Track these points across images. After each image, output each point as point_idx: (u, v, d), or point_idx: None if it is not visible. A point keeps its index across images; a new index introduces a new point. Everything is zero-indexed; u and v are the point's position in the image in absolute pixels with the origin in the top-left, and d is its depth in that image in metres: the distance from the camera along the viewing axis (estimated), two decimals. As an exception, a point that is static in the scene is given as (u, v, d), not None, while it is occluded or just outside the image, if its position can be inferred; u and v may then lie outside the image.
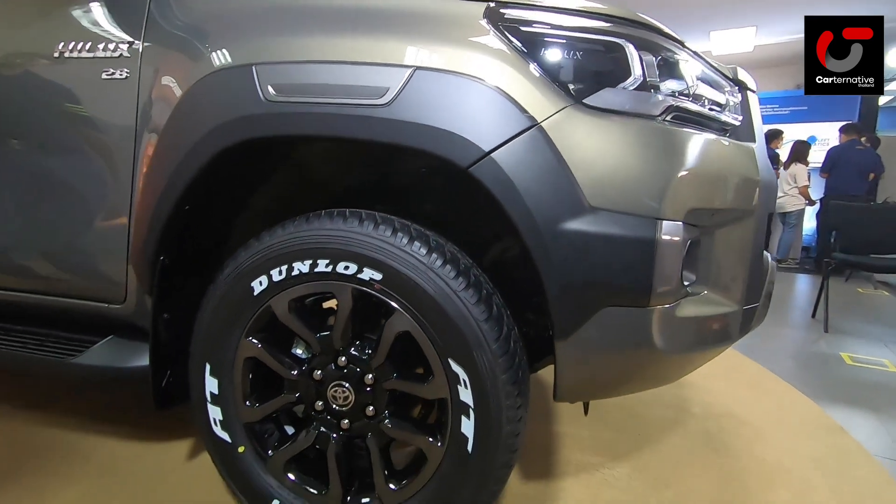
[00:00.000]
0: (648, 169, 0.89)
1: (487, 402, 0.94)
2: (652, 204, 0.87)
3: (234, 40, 1.02)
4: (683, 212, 0.89)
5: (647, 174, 0.89)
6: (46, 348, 1.27)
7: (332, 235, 0.98)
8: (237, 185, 1.18)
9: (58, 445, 1.49)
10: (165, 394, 1.19)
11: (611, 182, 0.87)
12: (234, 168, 1.10)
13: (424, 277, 0.94)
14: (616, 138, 0.89)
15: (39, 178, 1.21)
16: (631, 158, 0.89)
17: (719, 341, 1.05)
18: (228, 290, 1.05)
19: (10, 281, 1.28)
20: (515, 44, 0.92)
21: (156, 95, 1.06)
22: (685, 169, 0.91)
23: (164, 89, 1.05)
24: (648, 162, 0.89)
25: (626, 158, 0.89)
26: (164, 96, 1.05)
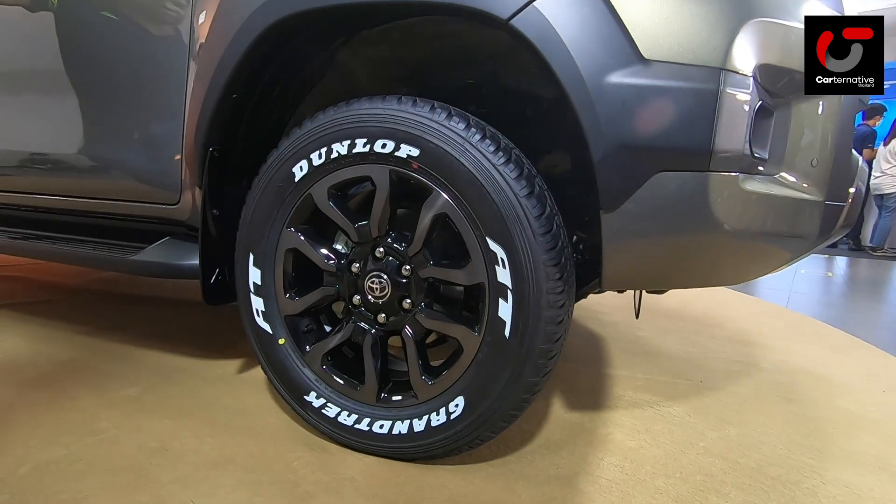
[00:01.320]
0: (713, 12, 0.79)
1: (526, 283, 0.89)
2: (715, 53, 0.78)
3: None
4: (753, 66, 0.79)
5: (710, 18, 0.79)
6: (112, 251, 1.35)
7: (371, 115, 0.97)
8: (283, 87, 1.20)
9: (123, 355, 1.59)
10: (214, 291, 1.23)
11: (667, 29, 0.79)
12: (280, 64, 1.12)
13: (462, 152, 0.90)
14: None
15: (99, 76, 1.28)
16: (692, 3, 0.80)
17: (793, 232, 0.93)
18: (271, 179, 1.06)
19: (74, 185, 1.38)
20: None
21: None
22: (759, 15, 0.80)
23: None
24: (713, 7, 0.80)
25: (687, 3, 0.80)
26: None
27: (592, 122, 0.80)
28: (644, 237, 0.85)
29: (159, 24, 1.19)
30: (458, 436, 0.97)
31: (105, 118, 1.32)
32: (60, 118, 1.39)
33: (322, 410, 1.09)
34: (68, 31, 1.34)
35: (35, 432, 1.12)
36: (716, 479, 1.05)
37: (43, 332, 1.78)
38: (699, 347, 1.94)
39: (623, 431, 1.23)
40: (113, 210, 1.35)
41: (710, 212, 0.81)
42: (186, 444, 1.10)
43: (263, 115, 1.20)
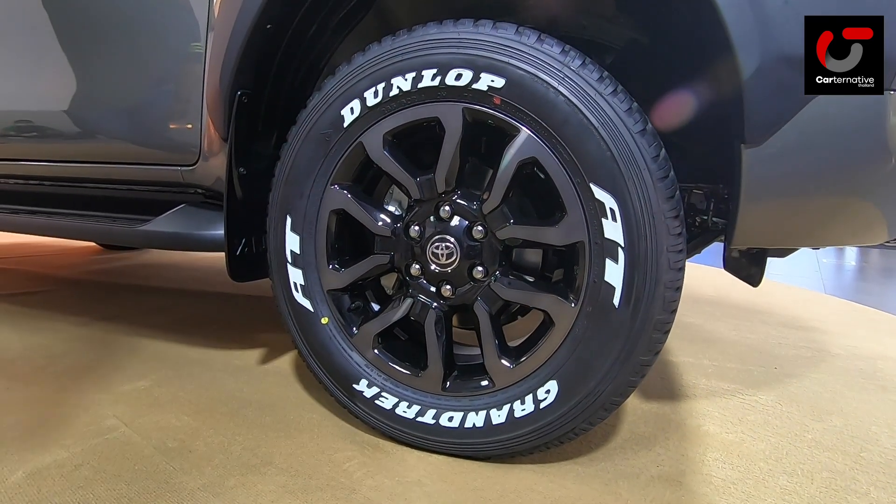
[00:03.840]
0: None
1: (643, 238, 0.72)
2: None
3: None
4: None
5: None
6: (117, 223, 1.16)
7: (441, 40, 0.80)
8: (322, 24, 1.02)
9: (130, 347, 1.41)
10: (241, 265, 1.05)
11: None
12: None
13: (561, 79, 0.73)
14: None
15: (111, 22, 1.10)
16: None
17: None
18: (314, 125, 0.89)
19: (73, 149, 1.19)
20: None
21: None
22: None
23: None
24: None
25: None
26: None
27: (743, 29, 0.63)
28: (797, 177, 0.68)
29: None
30: (549, 428, 0.81)
31: (105, 61, 1.13)
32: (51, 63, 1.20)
33: (375, 401, 0.91)
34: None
35: (31, 433, 0.94)
36: (846, 476, 0.89)
37: (37, 324, 1.59)
38: (757, 334, 1.78)
39: (715, 423, 1.07)
40: (117, 176, 1.16)
41: (886, 141, 0.65)
42: (213, 444, 0.92)
43: (298, 56, 1.03)
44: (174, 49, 1.01)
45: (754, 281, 0.98)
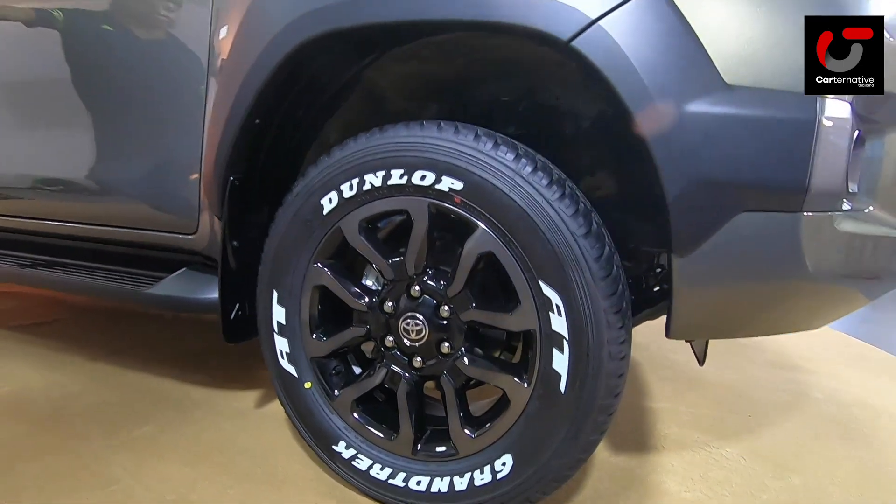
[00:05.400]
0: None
1: (585, 332, 0.79)
2: (809, 78, 0.68)
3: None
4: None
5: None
6: (124, 282, 1.27)
7: (408, 143, 0.88)
8: (307, 107, 1.11)
9: (138, 387, 1.52)
10: (235, 327, 1.14)
11: (755, 52, 0.70)
12: (305, 84, 1.03)
13: (512, 185, 0.81)
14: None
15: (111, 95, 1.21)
16: (783, 21, 0.70)
17: (882, 277, 0.83)
18: (297, 210, 0.98)
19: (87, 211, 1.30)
20: None
21: (229, 4, 1.01)
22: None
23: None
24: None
25: (777, 21, 0.70)
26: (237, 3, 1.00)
27: (667, 156, 0.70)
28: (721, 284, 0.75)
29: (174, 40, 1.11)
30: (505, 497, 0.88)
31: (118, 141, 1.24)
32: (71, 140, 1.31)
33: (352, 462, 1.00)
34: (75, 48, 1.27)
35: (43, 484, 1.04)
36: (790, 542, 0.94)
37: (54, 358, 1.71)
38: (740, 374, 1.83)
39: (676, 480, 1.13)
40: (127, 238, 1.27)
41: (801, 256, 0.71)
42: (206, 496, 1.02)
43: (286, 138, 1.12)
44: (176, 133, 1.11)
45: (699, 360, 1.04)
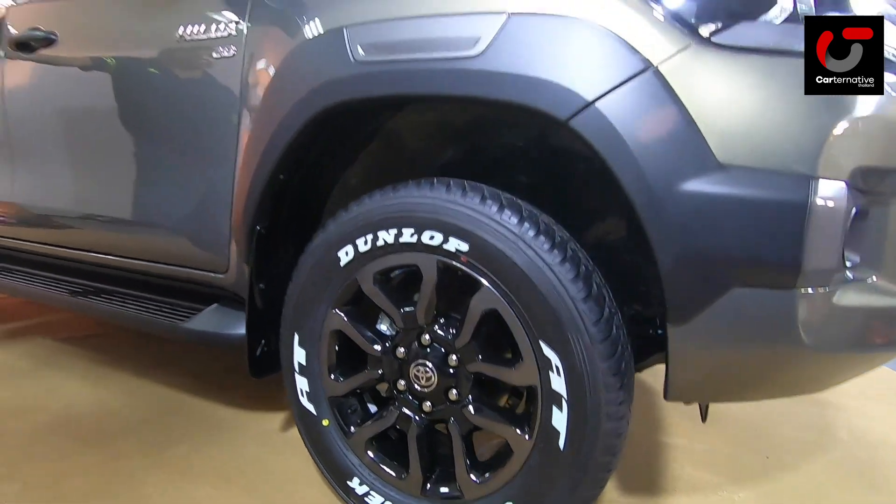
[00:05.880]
0: (801, 116, 0.71)
1: (583, 394, 0.82)
2: (804, 159, 0.69)
3: (327, 6, 1.01)
4: (848, 170, 0.70)
5: (798, 122, 0.71)
6: (161, 313, 1.37)
7: (418, 203, 0.93)
8: (330, 157, 1.18)
9: (175, 405, 1.63)
10: (260, 363, 1.22)
11: (748, 133, 0.71)
12: (328, 139, 1.10)
13: (514, 249, 0.85)
14: (755, 81, 0.73)
15: (156, 150, 1.31)
16: (776, 104, 0.72)
17: (889, 345, 0.82)
18: (317, 261, 1.05)
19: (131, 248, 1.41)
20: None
21: (257, 69, 1.09)
22: (852, 115, 0.71)
23: (265, 63, 1.07)
24: (801, 107, 0.71)
25: (770, 104, 0.72)
26: (265, 69, 1.07)
27: (660, 232, 0.73)
28: (716, 353, 0.77)
29: (210, 98, 1.19)
30: (507, 544, 0.92)
31: (158, 184, 1.34)
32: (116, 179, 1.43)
33: (366, 498, 1.06)
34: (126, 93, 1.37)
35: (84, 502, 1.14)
36: None
37: (100, 373, 1.85)
38: (763, 407, 1.79)
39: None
40: (164, 273, 1.37)
41: (796, 331, 0.72)
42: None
43: (310, 185, 1.19)
44: (210, 182, 1.20)
45: (702, 417, 1.05)
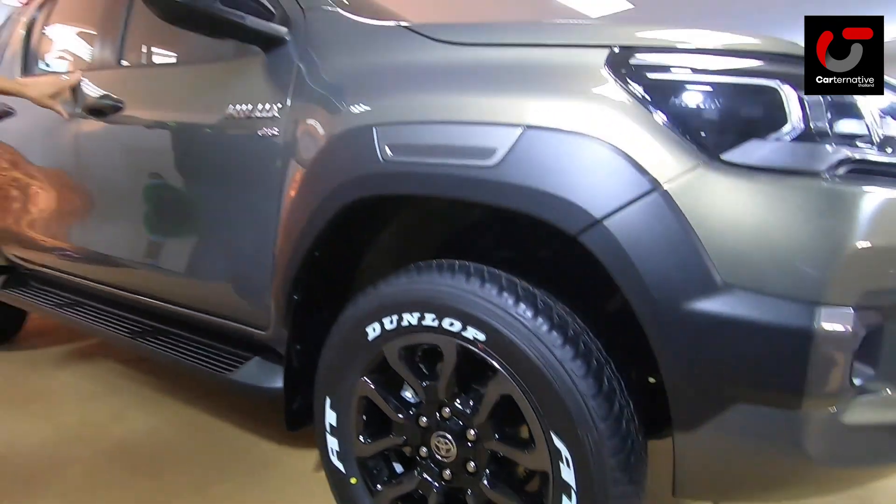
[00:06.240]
0: (807, 239, 0.73)
1: (591, 487, 0.86)
2: (809, 284, 0.71)
3: (359, 101, 1.09)
4: (857, 295, 0.71)
5: (804, 246, 0.72)
6: (209, 360, 1.49)
7: (439, 290, 0.99)
8: (360, 234, 1.26)
9: (223, 438, 1.76)
10: (296, 416, 1.32)
11: (753, 255, 0.73)
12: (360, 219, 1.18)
13: (528, 343, 0.90)
14: (762, 201, 0.75)
15: (208, 215, 1.43)
16: (782, 226, 0.73)
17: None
18: (347, 333, 1.13)
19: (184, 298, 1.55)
20: (639, 92, 0.82)
21: (297, 152, 1.18)
22: (862, 240, 0.72)
23: (303, 147, 1.17)
24: (807, 230, 0.73)
25: (776, 226, 0.73)
26: (303, 154, 1.16)
27: (664, 348, 0.76)
28: (721, 462, 0.79)
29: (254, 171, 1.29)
30: None
31: (209, 242, 1.47)
32: (175, 235, 1.57)
33: (389, 555, 1.12)
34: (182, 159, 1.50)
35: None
36: None
37: (156, 400, 2.02)
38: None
39: None
40: (212, 325, 1.49)
41: (802, 447, 0.73)
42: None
43: (342, 261, 1.28)
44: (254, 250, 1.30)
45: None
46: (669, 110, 0.80)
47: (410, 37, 1.10)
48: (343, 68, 1.18)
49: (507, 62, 0.95)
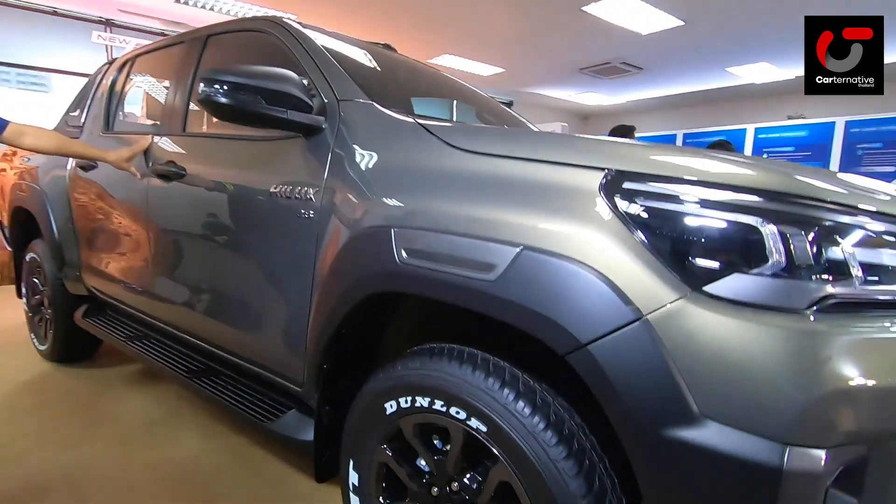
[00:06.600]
0: (782, 378, 0.76)
1: (581, 581, 0.92)
2: (782, 424, 0.74)
3: (382, 197, 1.20)
4: (834, 437, 0.74)
5: (778, 384, 0.76)
6: (253, 406, 1.66)
7: (447, 380, 1.08)
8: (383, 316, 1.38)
9: (264, 467, 1.93)
10: (325, 468, 1.45)
11: (729, 389, 0.78)
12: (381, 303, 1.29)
13: (524, 439, 0.97)
14: (742, 336, 0.79)
15: (255, 277, 1.60)
16: (759, 362, 0.77)
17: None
18: (368, 405, 1.24)
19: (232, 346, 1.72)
20: (629, 219, 0.88)
21: (328, 238, 1.31)
22: (838, 381, 0.75)
23: (333, 235, 1.29)
24: (783, 369, 0.76)
25: (753, 362, 0.77)
26: (333, 241, 1.29)
27: (642, 468, 0.82)
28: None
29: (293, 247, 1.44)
30: None
31: (254, 301, 1.63)
32: (223, 287, 1.75)
33: None
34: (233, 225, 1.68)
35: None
36: None
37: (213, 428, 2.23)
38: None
39: None
40: (254, 373, 1.66)
41: None
42: None
43: (367, 334, 1.40)
44: (291, 319, 1.45)
45: None
46: (656, 239, 0.86)
47: (428, 139, 1.20)
48: (371, 159, 1.30)
49: (512, 177, 1.03)
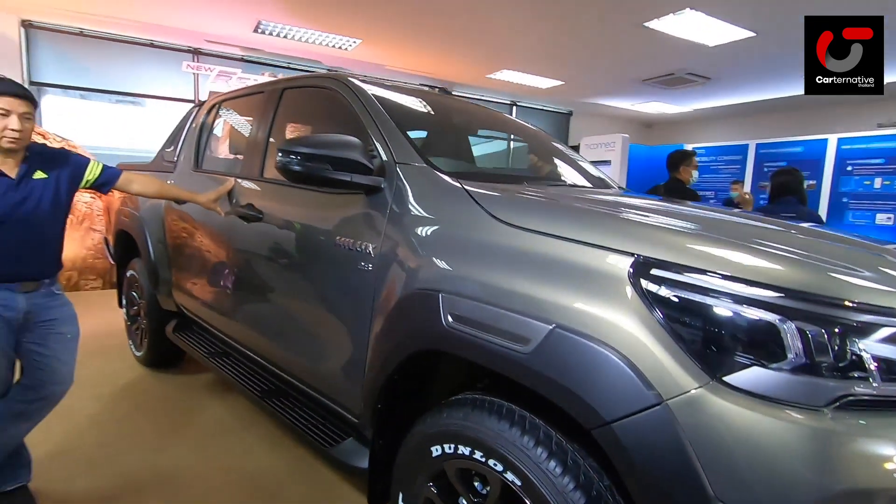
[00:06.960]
0: (796, 473, 0.81)
1: None
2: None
3: (431, 260, 1.33)
4: None
5: (792, 479, 0.81)
6: (315, 430, 1.84)
7: (486, 434, 1.19)
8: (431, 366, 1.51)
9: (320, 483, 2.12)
10: (379, 495, 1.60)
11: (745, 477, 0.83)
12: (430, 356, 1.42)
13: (554, 496, 1.06)
14: (758, 428, 0.84)
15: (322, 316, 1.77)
16: (774, 454, 0.82)
17: None
18: (416, 446, 1.37)
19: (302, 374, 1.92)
20: (655, 305, 0.95)
21: (384, 292, 1.46)
22: (853, 481, 0.79)
23: (388, 291, 1.44)
24: (798, 463, 0.81)
25: (768, 453, 0.82)
26: (388, 296, 1.44)
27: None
28: None
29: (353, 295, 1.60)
30: None
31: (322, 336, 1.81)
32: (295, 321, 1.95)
33: None
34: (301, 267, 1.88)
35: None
36: None
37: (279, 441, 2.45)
38: None
39: None
40: (317, 399, 1.84)
41: None
42: None
43: (417, 379, 1.53)
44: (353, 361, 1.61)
45: None
46: (680, 327, 0.93)
47: (473, 208, 1.32)
48: (424, 221, 1.44)
49: (548, 254, 1.12)
